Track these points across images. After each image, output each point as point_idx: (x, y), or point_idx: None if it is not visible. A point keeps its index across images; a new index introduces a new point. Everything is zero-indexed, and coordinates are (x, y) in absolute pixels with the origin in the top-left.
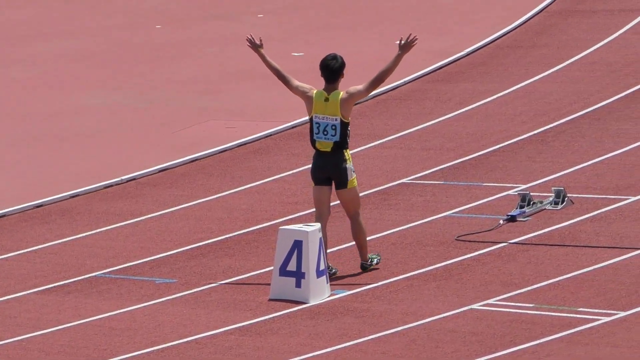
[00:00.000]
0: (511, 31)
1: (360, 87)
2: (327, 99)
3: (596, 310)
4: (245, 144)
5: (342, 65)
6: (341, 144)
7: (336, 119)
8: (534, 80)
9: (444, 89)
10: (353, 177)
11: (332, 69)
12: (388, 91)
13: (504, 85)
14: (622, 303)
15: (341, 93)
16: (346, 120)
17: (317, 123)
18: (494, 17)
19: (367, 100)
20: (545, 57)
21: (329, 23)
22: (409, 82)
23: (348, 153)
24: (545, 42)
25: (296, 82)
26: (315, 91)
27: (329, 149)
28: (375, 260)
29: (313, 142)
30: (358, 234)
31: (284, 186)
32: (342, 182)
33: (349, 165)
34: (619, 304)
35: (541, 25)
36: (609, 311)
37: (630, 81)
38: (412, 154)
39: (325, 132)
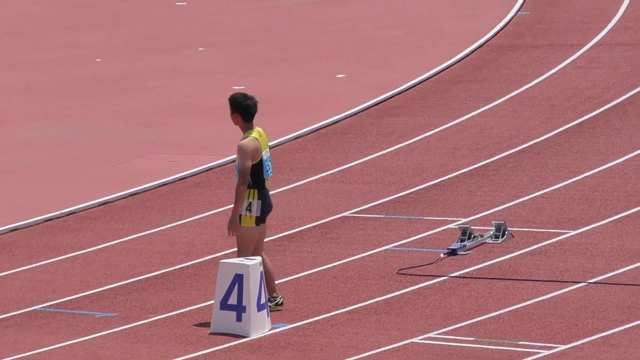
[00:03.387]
0: (452, 65)
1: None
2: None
3: (536, 344)
4: (185, 177)
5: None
6: None
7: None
8: (475, 115)
9: (384, 123)
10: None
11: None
12: (329, 125)
13: (444, 119)
14: (562, 336)
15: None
16: None
17: (268, 157)
18: (435, 52)
19: (308, 134)
20: (486, 91)
21: (270, 57)
22: (350, 116)
23: None
24: (485, 77)
25: (250, 159)
26: (255, 135)
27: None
28: (275, 301)
29: (262, 180)
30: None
31: (225, 220)
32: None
33: None
34: (559, 337)
35: (482, 59)
36: (549, 344)
37: (569, 115)
38: (353, 187)
39: (269, 167)
